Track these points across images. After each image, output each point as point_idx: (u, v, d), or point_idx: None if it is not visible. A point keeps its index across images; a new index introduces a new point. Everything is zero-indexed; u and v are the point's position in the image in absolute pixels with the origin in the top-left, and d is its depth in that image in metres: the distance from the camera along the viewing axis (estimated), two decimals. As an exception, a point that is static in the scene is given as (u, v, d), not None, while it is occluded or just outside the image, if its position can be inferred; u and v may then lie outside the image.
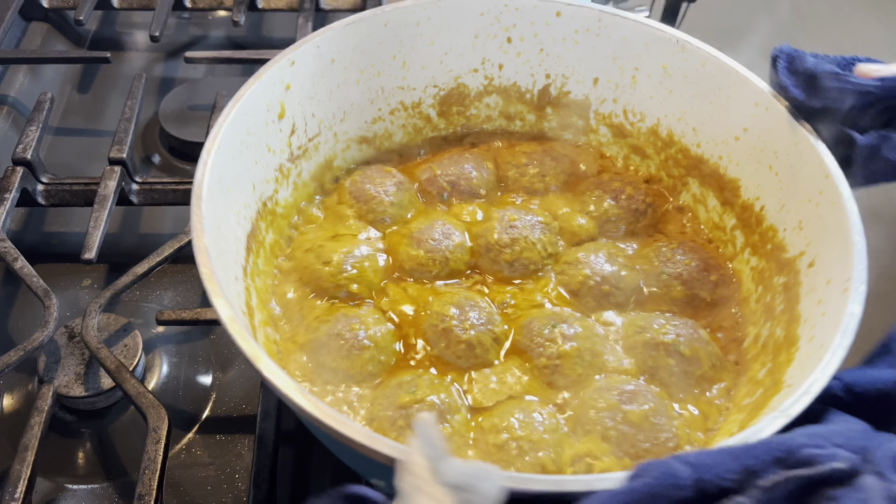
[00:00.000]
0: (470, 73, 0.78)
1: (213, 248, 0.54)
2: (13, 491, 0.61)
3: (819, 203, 0.60)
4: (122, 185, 0.84)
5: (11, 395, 0.73)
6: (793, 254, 0.63)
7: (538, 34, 0.76)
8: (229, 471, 0.69)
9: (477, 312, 0.63)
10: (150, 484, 0.61)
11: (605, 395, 0.58)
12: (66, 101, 1.05)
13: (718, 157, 0.72)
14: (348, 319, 0.63)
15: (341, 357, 0.61)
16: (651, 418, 0.57)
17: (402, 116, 0.79)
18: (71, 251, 0.84)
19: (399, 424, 0.57)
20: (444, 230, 0.70)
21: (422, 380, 0.60)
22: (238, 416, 0.73)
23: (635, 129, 0.77)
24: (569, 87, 0.79)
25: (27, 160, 0.84)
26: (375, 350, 0.61)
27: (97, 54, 1.00)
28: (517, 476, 0.42)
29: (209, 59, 0.99)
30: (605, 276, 0.67)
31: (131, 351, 0.72)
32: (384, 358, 0.62)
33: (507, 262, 0.69)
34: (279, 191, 0.70)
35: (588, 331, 0.62)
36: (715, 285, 0.68)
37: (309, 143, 0.73)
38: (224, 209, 0.59)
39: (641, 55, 0.73)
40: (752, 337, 0.65)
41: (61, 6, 1.10)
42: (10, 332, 0.79)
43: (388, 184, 0.74)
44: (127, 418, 0.72)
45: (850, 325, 0.50)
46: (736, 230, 0.70)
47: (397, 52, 0.74)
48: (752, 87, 0.66)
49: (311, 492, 0.68)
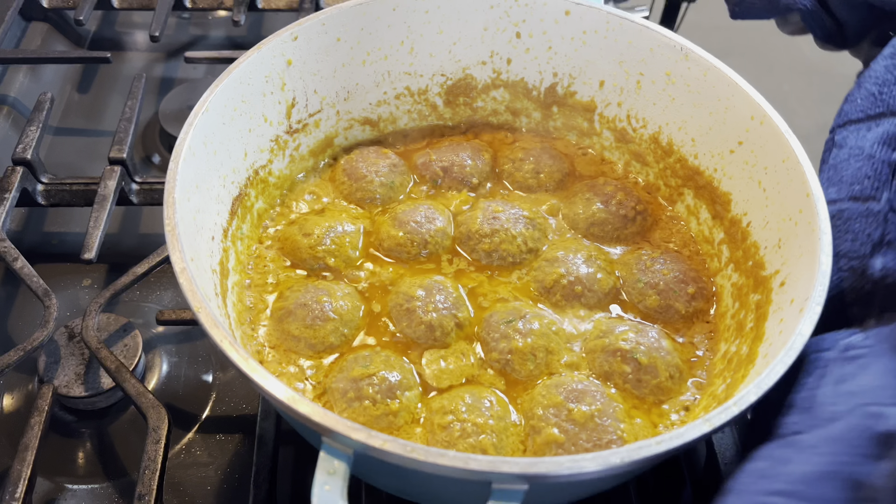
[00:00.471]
0: (478, 65, 0.79)
1: (185, 205, 0.56)
2: (13, 491, 0.61)
3: (798, 222, 0.59)
4: (122, 185, 0.83)
5: (11, 395, 0.73)
6: (770, 272, 0.61)
7: (547, 31, 0.76)
8: (229, 471, 0.69)
9: (443, 296, 0.64)
10: (150, 484, 0.61)
11: (552, 392, 0.58)
12: (66, 101, 1.05)
13: (713, 170, 0.70)
14: (317, 291, 0.64)
15: (305, 326, 0.62)
16: (596, 419, 0.56)
17: (407, 102, 0.80)
18: (71, 251, 0.85)
19: (349, 396, 0.58)
20: (428, 214, 0.71)
21: (378, 356, 0.61)
22: (238, 416, 0.73)
23: (637, 135, 0.77)
24: (575, 88, 0.78)
25: (27, 160, 0.84)
26: (339, 322, 0.63)
27: (97, 54, 1.00)
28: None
29: (209, 59, 0.99)
30: (580, 276, 0.67)
31: (131, 351, 0.73)
32: (347, 331, 0.63)
33: (485, 252, 0.69)
34: (274, 161, 0.72)
35: (545, 329, 0.62)
36: (692, 298, 0.67)
37: (309, 118, 0.74)
38: (206, 169, 0.62)
39: (647, 60, 0.73)
40: (722, 353, 0.63)
41: (61, 6, 1.10)
42: (10, 332, 0.79)
43: (381, 164, 0.75)
44: (127, 418, 0.72)
45: (795, 343, 0.48)
46: (723, 244, 0.69)
47: (405, 37, 0.76)
48: (749, 101, 0.65)
49: (311, 492, 0.68)
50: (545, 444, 0.57)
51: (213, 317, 0.49)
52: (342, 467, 0.43)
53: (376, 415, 0.58)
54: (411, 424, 0.59)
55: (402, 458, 0.42)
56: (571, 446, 0.56)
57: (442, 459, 0.42)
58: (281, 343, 0.63)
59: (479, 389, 0.60)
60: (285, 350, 0.63)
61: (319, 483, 0.42)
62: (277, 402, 0.45)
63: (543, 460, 0.42)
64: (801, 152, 0.60)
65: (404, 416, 0.59)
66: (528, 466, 0.42)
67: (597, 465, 0.42)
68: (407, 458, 0.42)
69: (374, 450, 0.42)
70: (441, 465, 0.42)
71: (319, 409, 0.44)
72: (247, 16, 1.09)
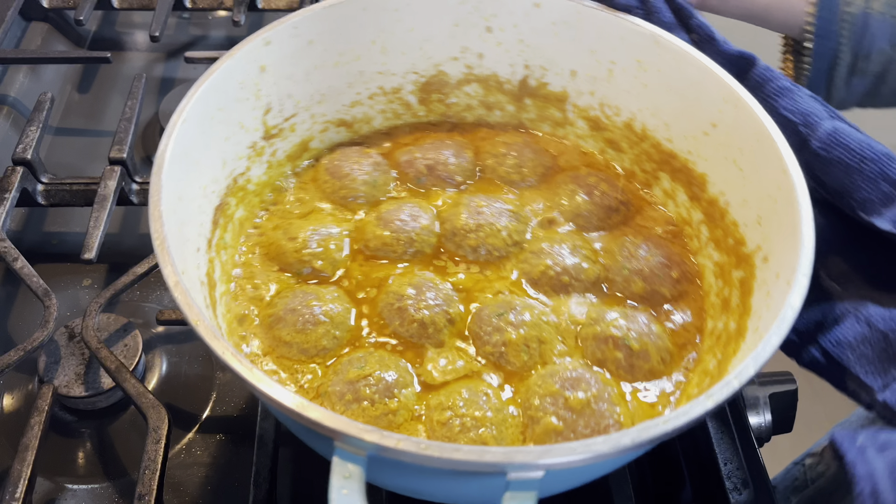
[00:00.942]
0: (450, 61, 0.79)
1: (171, 218, 0.55)
2: (13, 491, 0.61)
3: (777, 199, 0.60)
4: (122, 185, 0.84)
5: (11, 395, 0.74)
6: (751, 248, 0.63)
7: (517, 24, 0.76)
8: (229, 471, 0.69)
9: (434, 293, 0.64)
10: (150, 484, 0.61)
11: (548, 381, 0.59)
12: (66, 101, 1.05)
13: (688, 153, 0.72)
14: (306, 295, 0.64)
15: (296, 331, 0.62)
16: (593, 405, 0.57)
17: (381, 101, 0.80)
18: (71, 251, 0.85)
19: (347, 399, 0.58)
20: (412, 212, 0.71)
21: (372, 357, 0.61)
22: (238, 416, 0.73)
23: (611, 123, 0.78)
24: (547, 79, 0.79)
25: (27, 160, 0.84)
26: (330, 325, 0.62)
27: (97, 54, 1.00)
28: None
29: (209, 59, 0.98)
30: (566, 267, 0.68)
31: (131, 351, 0.73)
32: (339, 334, 0.63)
33: (472, 247, 0.70)
34: (252, 168, 0.71)
35: (537, 319, 0.63)
36: (676, 281, 0.68)
37: (285, 122, 0.74)
38: (188, 181, 0.61)
39: (617, 48, 0.74)
40: (709, 330, 0.65)
41: (61, 6, 1.10)
42: (10, 332, 0.79)
43: (364, 163, 0.75)
44: (127, 418, 0.72)
45: (787, 315, 0.50)
46: (702, 224, 0.71)
47: (376, 36, 0.75)
48: (720, 83, 0.66)
49: (311, 492, 0.68)
50: (544, 433, 0.58)
51: (212, 328, 0.48)
52: (357, 470, 0.43)
53: (376, 415, 0.58)
54: (412, 422, 0.59)
55: (417, 455, 0.42)
56: (571, 433, 0.57)
57: (457, 454, 0.42)
58: (273, 349, 0.63)
59: (476, 383, 0.61)
60: (278, 357, 0.63)
61: (336, 488, 0.42)
62: (286, 410, 0.45)
63: (557, 446, 0.43)
64: (775, 131, 0.62)
65: (403, 414, 0.59)
66: (544, 453, 0.42)
67: (609, 447, 0.43)
68: (422, 456, 0.42)
69: (388, 450, 0.43)
70: (456, 459, 0.42)
71: (330, 413, 0.44)
72: (247, 16, 1.09)
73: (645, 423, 0.45)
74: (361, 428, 0.43)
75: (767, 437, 0.76)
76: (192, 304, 0.49)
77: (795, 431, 0.79)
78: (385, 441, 0.43)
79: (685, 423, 0.45)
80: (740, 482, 0.64)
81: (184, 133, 0.60)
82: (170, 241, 0.52)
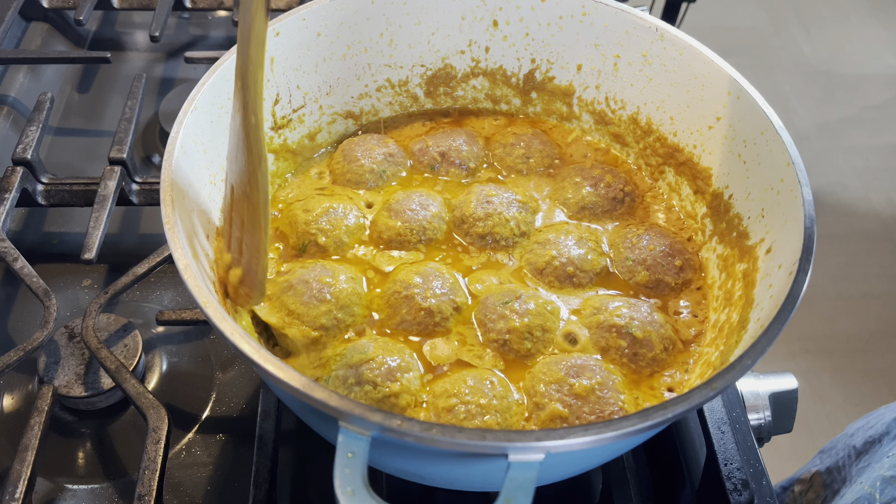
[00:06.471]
0: (457, 55, 0.80)
1: (182, 203, 0.56)
2: (13, 491, 0.61)
3: (780, 191, 0.61)
4: (122, 185, 0.84)
5: (11, 395, 0.73)
6: (754, 241, 0.63)
7: (524, 18, 0.77)
8: (229, 471, 0.69)
9: (440, 282, 0.65)
10: (150, 484, 0.61)
11: (553, 368, 0.59)
12: (66, 101, 1.05)
13: (693, 146, 0.72)
14: (323, 270, 0.65)
15: (301, 303, 0.62)
16: (597, 392, 0.58)
17: (388, 94, 0.81)
18: (71, 251, 0.85)
19: (350, 382, 0.59)
20: (422, 201, 0.72)
21: (377, 343, 0.61)
22: (238, 416, 0.73)
23: (616, 117, 0.78)
24: (553, 73, 0.80)
25: (27, 160, 0.84)
26: (333, 305, 0.63)
27: (97, 54, 1.00)
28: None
29: (209, 59, 0.99)
30: (571, 257, 0.68)
31: (131, 351, 0.72)
32: (341, 316, 0.63)
33: (479, 236, 0.70)
34: (260, 158, 0.72)
35: (541, 308, 0.64)
36: (679, 270, 0.69)
37: (293, 113, 0.75)
38: (198, 168, 0.62)
39: (623, 43, 0.74)
40: (713, 322, 0.65)
41: (61, 6, 1.10)
42: (10, 332, 0.79)
43: (377, 152, 0.76)
44: (127, 418, 0.72)
45: (788, 305, 0.50)
46: (706, 218, 0.71)
47: (384, 29, 0.76)
48: (725, 76, 0.67)
49: (311, 492, 0.68)
50: (549, 419, 0.58)
51: (221, 311, 0.49)
52: (361, 451, 0.44)
53: (378, 398, 0.58)
54: (414, 408, 0.60)
55: (421, 436, 0.43)
56: (575, 419, 0.58)
57: (459, 435, 0.43)
58: (278, 313, 0.63)
59: (480, 371, 0.61)
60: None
61: (340, 467, 0.43)
62: (292, 391, 0.45)
63: (558, 429, 0.44)
64: (778, 124, 0.62)
65: (406, 398, 0.59)
66: (544, 435, 0.43)
67: (609, 431, 0.44)
68: (425, 437, 0.43)
69: (392, 430, 0.43)
70: (459, 441, 0.43)
71: (335, 394, 0.45)
72: (247, 16, 1.09)
73: (646, 408, 0.45)
74: (366, 408, 0.44)
75: (767, 437, 0.76)
76: (201, 286, 0.50)
77: (795, 431, 0.79)
78: (389, 421, 0.43)
79: (686, 409, 0.45)
80: (740, 482, 0.64)
81: (194, 121, 0.61)
82: (179, 226, 0.53)
